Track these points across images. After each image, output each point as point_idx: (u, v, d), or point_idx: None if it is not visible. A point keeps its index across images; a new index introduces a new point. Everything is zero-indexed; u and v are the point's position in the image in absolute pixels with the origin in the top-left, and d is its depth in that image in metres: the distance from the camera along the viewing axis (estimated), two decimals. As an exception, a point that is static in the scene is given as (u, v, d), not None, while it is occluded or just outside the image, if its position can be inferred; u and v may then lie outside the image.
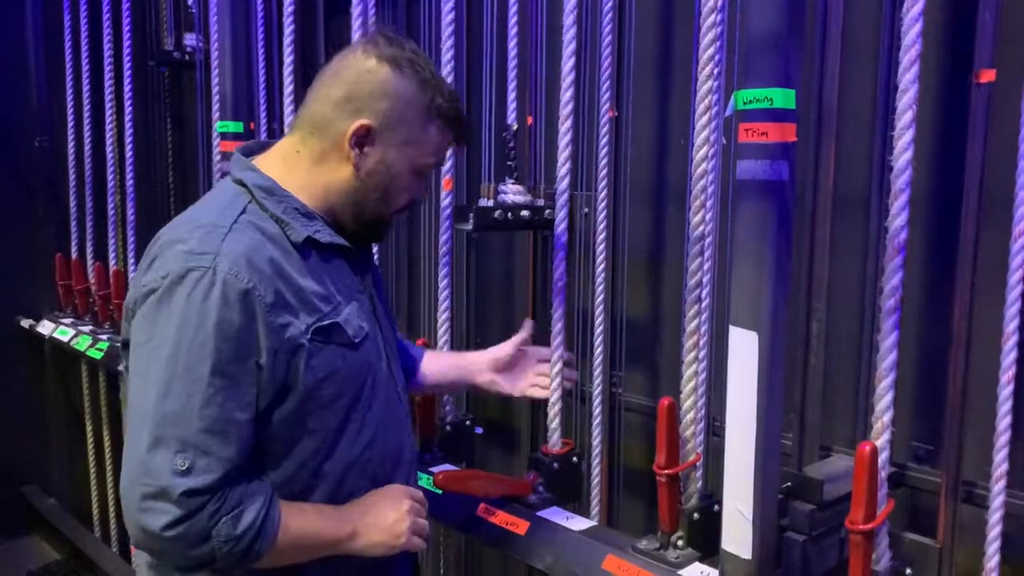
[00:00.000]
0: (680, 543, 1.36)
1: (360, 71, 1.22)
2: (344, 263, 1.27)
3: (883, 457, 1.17)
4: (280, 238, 1.19)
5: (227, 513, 1.10)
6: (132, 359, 1.15)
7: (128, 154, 2.93)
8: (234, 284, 1.10)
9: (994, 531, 1.22)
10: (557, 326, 1.63)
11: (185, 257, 1.12)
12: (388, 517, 1.25)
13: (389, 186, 1.26)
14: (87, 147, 3.09)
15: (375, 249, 1.84)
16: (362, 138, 1.22)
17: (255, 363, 1.12)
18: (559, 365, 1.63)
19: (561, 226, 1.64)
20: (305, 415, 1.19)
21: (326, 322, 1.19)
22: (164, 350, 1.09)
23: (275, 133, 2.42)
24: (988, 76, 1.21)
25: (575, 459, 1.67)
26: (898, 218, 1.15)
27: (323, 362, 1.18)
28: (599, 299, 1.69)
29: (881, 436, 1.19)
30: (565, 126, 1.61)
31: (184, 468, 1.08)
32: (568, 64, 1.59)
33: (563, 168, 1.62)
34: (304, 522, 1.18)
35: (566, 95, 1.60)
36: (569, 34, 1.59)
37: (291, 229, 1.20)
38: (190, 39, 2.77)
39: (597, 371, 1.72)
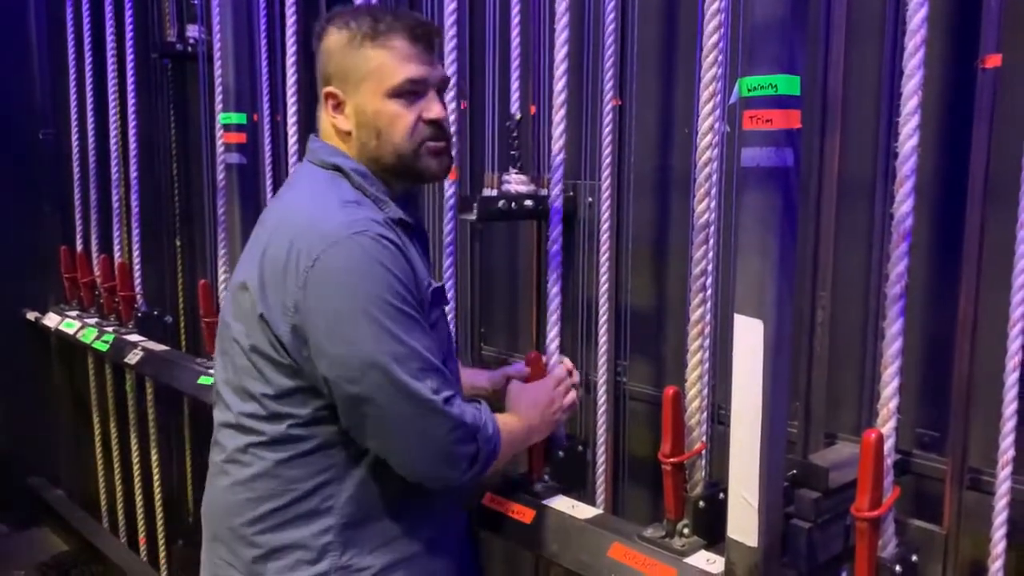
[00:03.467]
0: (686, 531, 1.36)
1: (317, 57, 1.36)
2: (419, 244, 1.38)
3: (889, 444, 1.17)
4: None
5: (477, 417, 1.29)
6: (323, 333, 1.21)
7: (132, 146, 2.93)
8: (388, 238, 1.23)
9: (1000, 517, 1.22)
10: (553, 317, 1.65)
11: (340, 226, 1.22)
12: (547, 412, 1.51)
13: (376, 125, 1.31)
14: (91, 139, 3.10)
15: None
16: (335, 103, 1.34)
17: (420, 299, 1.27)
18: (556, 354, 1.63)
19: (556, 216, 1.64)
20: None
21: (435, 285, 1.32)
22: (362, 305, 1.20)
23: (278, 125, 2.41)
24: (994, 61, 1.20)
25: (580, 448, 1.67)
26: (903, 205, 1.14)
27: (434, 320, 1.32)
28: (603, 288, 1.69)
29: (887, 423, 1.19)
30: (559, 115, 1.61)
31: (435, 386, 1.23)
32: (561, 52, 1.60)
33: (557, 158, 1.62)
34: (503, 430, 1.36)
35: (559, 84, 1.61)
36: (562, 22, 1.59)
37: (388, 207, 1.32)
38: (193, 31, 2.76)
39: (602, 360, 1.72)
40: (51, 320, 3.21)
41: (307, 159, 1.39)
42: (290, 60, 2.22)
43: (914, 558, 1.25)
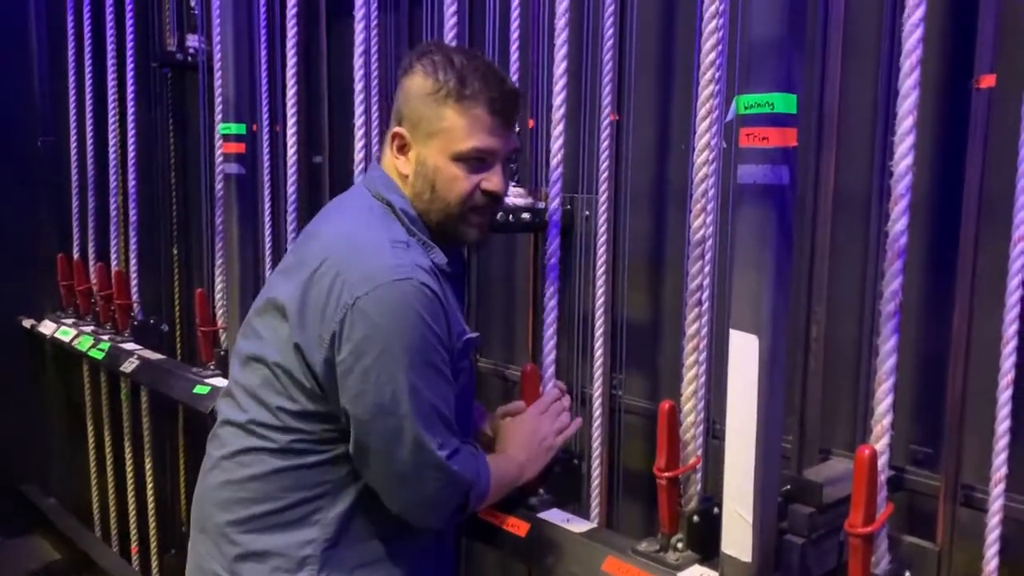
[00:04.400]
0: (680, 545, 1.36)
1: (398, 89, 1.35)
2: (456, 289, 1.38)
3: (882, 460, 1.18)
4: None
5: (473, 468, 1.32)
6: (350, 369, 1.22)
7: (130, 154, 2.93)
8: (430, 287, 1.23)
9: (993, 534, 1.23)
10: (550, 330, 1.65)
11: (387, 269, 1.22)
12: (533, 444, 1.49)
13: (434, 182, 1.31)
14: (89, 147, 3.10)
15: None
16: (399, 145, 1.33)
17: (447, 351, 1.27)
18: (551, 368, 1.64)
19: (554, 229, 1.65)
20: None
21: (470, 335, 1.34)
22: (391, 352, 1.21)
23: (277, 136, 2.42)
24: (988, 81, 1.21)
25: (575, 461, 1.67)
26: (898, 223, 1.15)
27: (458, 370, 1.33)
28: (599, 301, 1.69)
29: (881, 439, 1.19)
30: (558, 129, 1.62)
31: (440, 441, 1.25)
32: (560, 67, 1.61)
33: (555, 171, 1.63)
34: (494, 474, 1.38)
35: (558, 98, 1.62)
36: (561, 38, 1.61)
37: (435, 253, 1.32)
38: (193, 40, 2.77)
39: (597, 373, 1.72)
40: (47, 327, 3.20)
41: (364, 183, 1.39)
42: (290, 71, 2.23)
43: (907, 574, 1.25)
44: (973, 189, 1.24)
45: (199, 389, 2.30)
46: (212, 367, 2.40)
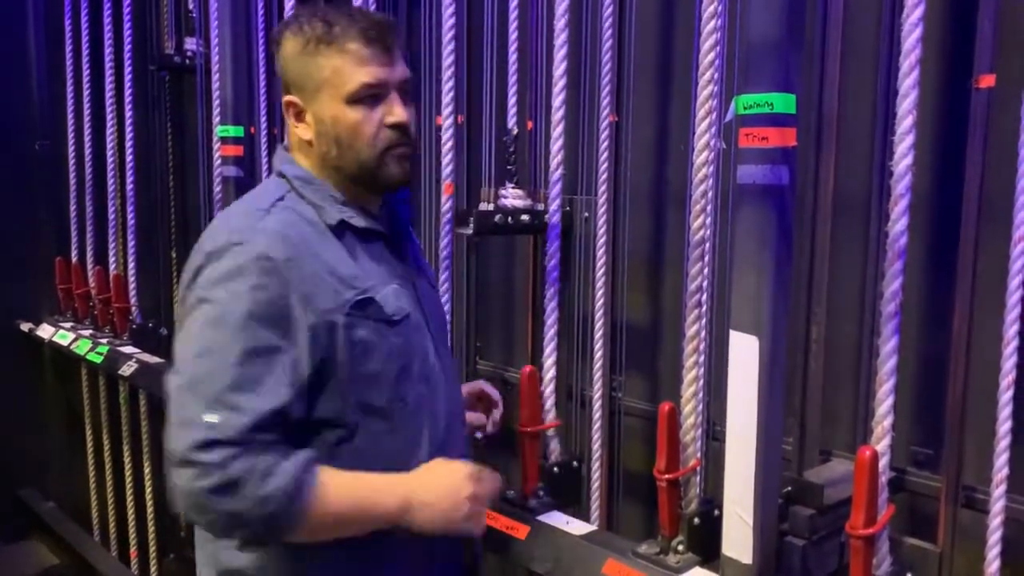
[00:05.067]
0: (680, 547, 1.36)
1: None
2: (384, 248, 1.32)
3: (883, 462, 1.18)
4: (316, 221, 1.25)
5: (257, 471, 1.12)
6: (180, 329, 1.21)
7: (128, 158, 2.93)
8: (267, 256, 1.17)
9: (994, 536, 1.23)
10: (550, 333, 1.64)
11: (228, 234, 1.20)
12: (446, 499, 1.23)
13: (336, 134, 1.25)
14: (87, 151, 3.10)
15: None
16: (295, 112, 1.29)
17: (290, 330, 1.17)
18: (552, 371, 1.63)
19: (554, 231, 1.65)
20: (349, 391, 1.22)
21: (362, 297, 1.23)
22: (204, 317, 1.17)
23: (276, 138, 2.42)
24: (988, 81, 1.21)
25: (575, 463, 1.67)
26: (898, 223, 1.15)
27: (362, 337, 1.22)
28: (599, 303, 1.69)
29: (881, 441, 1.19)
30: (557, 131, 1.62)
31: (213, 421, 1.12)
32: (560, 68, 1.61)
33: (555, 173, 1.63)
34: (348, 492, 1.19)
35: (558, 99, 1.62)
36: (560, 39, 1.60)
37: (325, 212, 1.26)
38: (191, 43, 2.77)
39: (597, 375, 1.72)
40: (45, 331, 3.20)
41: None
42: (288, 74, 2.22)
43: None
44: (973, 189, 1.24)
45: (198, 392, 2.29)
46: (210, 370, 2.39)
